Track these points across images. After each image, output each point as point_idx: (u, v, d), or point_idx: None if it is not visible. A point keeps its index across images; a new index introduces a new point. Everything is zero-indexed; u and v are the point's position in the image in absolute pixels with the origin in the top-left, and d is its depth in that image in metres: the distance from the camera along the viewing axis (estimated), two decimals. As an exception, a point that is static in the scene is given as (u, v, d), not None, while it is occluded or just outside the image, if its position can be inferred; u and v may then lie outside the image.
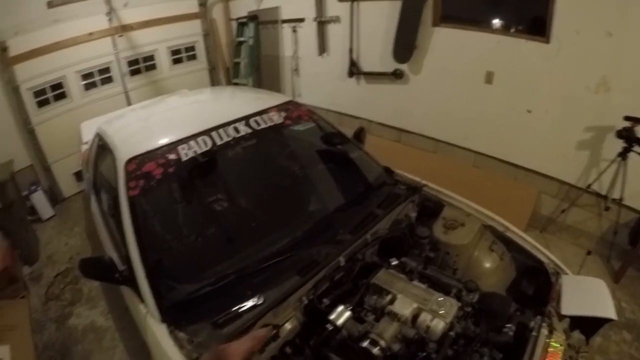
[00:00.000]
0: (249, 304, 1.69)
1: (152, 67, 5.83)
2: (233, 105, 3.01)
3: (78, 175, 5.17)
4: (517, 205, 3.67)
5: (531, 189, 3.75)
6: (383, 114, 4.84)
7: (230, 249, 2.13)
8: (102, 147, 2.71)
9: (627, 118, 2.86)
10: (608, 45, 2.94)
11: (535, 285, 2.00)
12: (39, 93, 4.76)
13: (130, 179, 2.07)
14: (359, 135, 2.83)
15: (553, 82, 3.32)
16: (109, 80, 5.38)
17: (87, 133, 3.83)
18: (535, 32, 3.32)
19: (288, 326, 1.70)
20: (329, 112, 5.27)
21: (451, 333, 1.55)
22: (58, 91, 4.93)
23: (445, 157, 4.33)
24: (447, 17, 3.82)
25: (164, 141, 2.25)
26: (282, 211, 2.36)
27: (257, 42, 5.96)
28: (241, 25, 6.13)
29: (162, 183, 2.12)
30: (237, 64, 6.36)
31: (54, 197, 5.12)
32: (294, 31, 5.35)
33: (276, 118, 2.52)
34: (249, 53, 6.05)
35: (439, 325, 1.52)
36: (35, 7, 4.53)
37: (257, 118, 2.46)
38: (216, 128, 2.32)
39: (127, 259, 1.94)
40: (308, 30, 5.17)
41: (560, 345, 1.57)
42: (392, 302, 1.66)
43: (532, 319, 1.66)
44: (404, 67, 4.28)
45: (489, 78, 3.67)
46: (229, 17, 6.38)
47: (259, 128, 2.41)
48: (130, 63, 5.54)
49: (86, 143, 3.75)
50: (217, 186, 2.40)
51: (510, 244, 2.16)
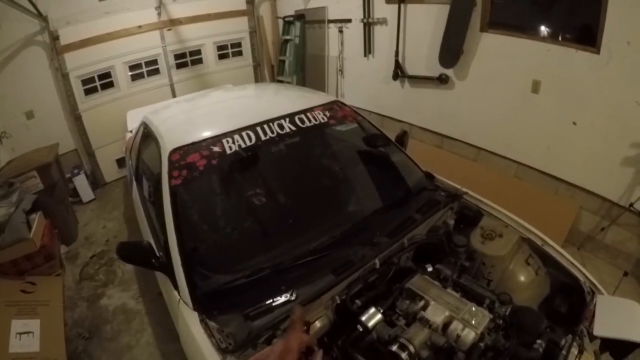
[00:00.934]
0: (281, 299, 1.70)
1: (198, 61, 5.96)
2: (278, 102, 3.03)
3: (120, 162, 5.37)
4: (556, 220, 3.55)
5: (572, 203, 3.62)
6: (426, 118, 4.78)
7: (267, 244, 2.15)
8: (147, 136, 2.79)
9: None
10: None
11: (568, 303, 1.94)
12: (87, 81, 4.96)
13: (173, 168, 2.12)
14: (402, 138, 2.81)
15: (601, 95, 3.19)
16: (155, 72, 5.54)
17: (133, 122, 3.95)
18: (585, 41, 3.19)
19: (318, 324, 1.70)
20: (371, 114, 5.24)
21: (481, 344, 1.51)
22: (105, 80, 5.12)
23: (486, 166, 4.24)
24: (496, 23, 3.73)
25: (208, 134, 2.29)
26: (321, 210, 2.36)
27: (302, 41, 6.00)
28: (288, 23, 6.18)
29: (205, 174, 2.16)
30: (282, 61, 6.41)
31: (96, 181, 5.33)
32: (340, 31, 5.36)
33: (321, 117, 2.52)
34: (294, 51, 6.10)
35: (469, 335, 1.49)
36: (88, -1, 4.72)
37: (302, 116, 2.47)
38: (261, 124, 2.35)
39: (164, 246, 1.99)
40: (354, 31, 5.16)
41: None
42: (424, 308, 1.64)
43: (563, 337, 1.61)
44: (449, 72, 4.22)
45: (535, 87, 3.56)
46: (275, 15, 6.46)
47: (303, 126, 2.42)
48: (177, 56, 5.69)
49: (131, 131, 3.87)
50: (257, 181, 2.42)
51: (546, 259, 2.09)
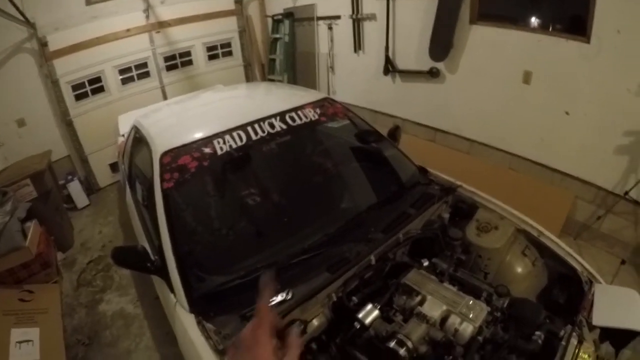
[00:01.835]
0: (277, 298, 1.68)
1: (188, 62, 5.94)
2: (268, 100, 3.03)
3: (113, 167, 5.34)
4: (551, 210, 3.56)
5: (567, 193, 3.63)
6: (418, 112, 4.78)
7: (261, 243, 2.14)
8: (139, 139, 2.78)
9: (668, 122, 2.74)
10: (650, 45, 2.81)
11: (567, 293, 1.94)
12: (77, 87, 4.92)
13: (165, 171, 2.11)
14: (394, 133, 2.80)
15: (592, 84, 3.19)
16: (145, 75, 5.51)
17: (124, 125, 3.93)
18: (575, 31, 3.20)
19: (315, 322, 1.70)
20: (363, 109, 5.23)
21: (479, 338, 1.52)
22: (96, 85, 5.09)
23: (480, 158, 4.24)
24: (485, 15, 3.73)
25: (199, 135, 2.28)
26: (315, 207, 2.35)
27: (292, 39, 5.99)
28: (277, 22, 6.16)
29: (197, 176, 2.16)
30: (273, 60, 6.40)
31: (90, 186, 5.30)
32: (330, 28, 5.34)
33: (311, 115, 2.52)
34: (284, 50, 6.09)
35: (467, 329, 1.50)
36: (75, 3, 4.71)
37: (293, 114, 2.46)
38: (251, 123, 2.34)
39: (159, 249, 1.98)
40: (344, 28, 5.15)
41: (589, 356, 1.53)
42: (421, 303, 1.64)
43: (562, 327, 1.61)
44: (440, 65, 4.22)
45: (526, 78, 3.56)
46: (264, 13, 6.43)
47: (294, 124, 2.42)
48: (167, 59, 5.67)
49: (123, 135, 3.85)
50: (250, 181, 2.42)
51: (543, 250, 2.09)
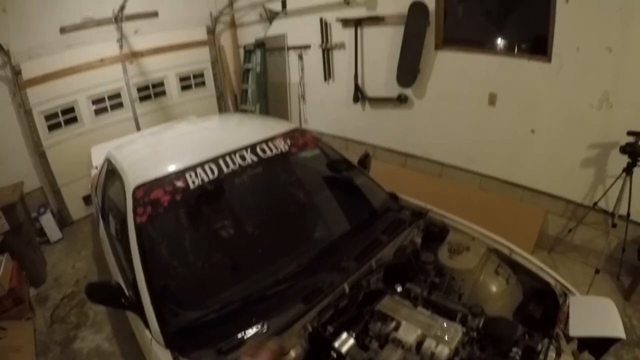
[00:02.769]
0: (253, 330, 1.69)
1: (162, 93, 5.92)
2: (240, 132, 3.05)
3: (87, 199, 5.23)
4: (524, 227, 3.65)
5: (538, 209, 3.73)
6: (388, 138, 4.86)
7: (236, 276, 2.14)
8: (112, 172, 2.76)
9: (630, 133, 2.84)
10: (609, 61, 2.96)
11: (542, 308, 1.98)
12: (50, 117, 4.85)
13: (138, 205, 2.11)
14: (364, 161, 2.86)
15: (555, 101, 3.33)
16: (119, 105, 5.47)
17: (97, 157, 3.90)
18: (536, 51, 3.34)
19: (293, 354, 1.68)
20: (335, 137, 5.31)
21: (456, 359, 1.54)
22: (69, 115, 5.03)
23: (451, 181, 4.32)
24: (450, 40, 3.86)
25: (171, 168, 2.29)
26: (288, 238, 2.37)
27: (264, 68, 6.04)
28: (248, 52, 6.22)
29: (169, 210, 2.16)
30: (245, 90, 6.44)
31: (63, 220, 5.17)
32: (300, 58, 5.42)
33: (282, 146, 2.56)
34: (256, 80, 6.13)
35: (443, 351, 1.52)
36: (49, 32, 4.66)
37: (263, 146, 2.50)
38: (223, 156, 2.37)
39: (133, 284, 1.96)
40: (314, 57, 5.23)
41: None
42: (396, 329, 1.66)
43: (540, 341, 1.65)
44: (408, 91, 4.32)
45: (492, 99, 3.69)
46: (236, 44, 6.50)
47: (265, 156, 2.45)
48: (140, 89, 5.64)
49: (96, 167, 3.81)
50: (223, 213, 2.42)
51: (516, 267, 2.14)
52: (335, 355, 1.61)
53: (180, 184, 2.20)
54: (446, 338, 1.56)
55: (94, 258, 4.49)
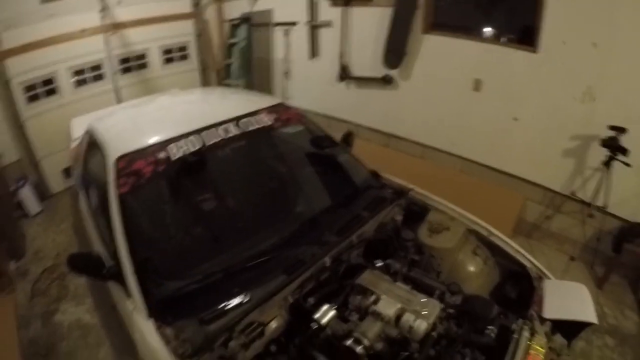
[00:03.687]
0: (235, 301, 1.70)
1: (144, 65, 5.78)
2: (223, 106, 3.02)
3: (67, 172, 5.09)
4: (502, 211, 3.73)
5: (517, 195, 3.81)
6: (372, 118, 4.88)
7: (218, 247, 2.14)
8: (93, 144, 2.72)
9: (612, 127, 2.93)
10: (593, 56, 3.02)
11: (518, 290, 2.05)
12: (29, 88, 4.71)
13: (120, 176, 2.09)
14: (347, 139, 2.87)
15: (540, 91, 3.39)
16: (100, 77, 5.34)
17: (77, 129, 3.81)
18: (524, 41, 3.39)
19: (273, 324, 1.73)
20: (318, 115, 5.28)
21: (433, 333, 1.59)
22: (49, 87, 4.89)
23: (433, 163, 4.38)
24: (438, 25, 3.87)
25: (154, 140, 2.27)
26: (270, 211, 2.38)
27: (249, 44, 5.96)
28: (234, 26, 6.11)
29: (152, 181, 2.14)
30: (229, 65, 6.33)
31: (42, 192, 5.06)
32: (286, 34, 5.36)
33: (266, 120, 2.55)
34: (240, 55, 6.04)
35: (421, 325, 1.56)
36: (29, 1, 4.50)
37: (247, 119, 2.49)
38: (206, 128, 2.35)
39: (115, 255, 1.95)
40: (300, 34, 5.19)
41: (542, 347, 1.61)
42: (375, 302, 1.70)
43: (514, 321, 1.70)
44: (393, 73, 4.33)
45: (477, 86, 3.73)
46: (222, 18, 6.36)
47: (249, 129, 2.44)
48: (122, 61, 5.50)
49: (76, 139, 3.73)
50: (205, 186, 2.42)
51: (494, 249, 2.21)
52: (315, 326, 1.65)
53: (162, 155, 2.18)
54: (424, 313, 1.60)
55: (73, 231, 4.43)
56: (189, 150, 2.22)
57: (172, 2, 5.78)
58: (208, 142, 2.29)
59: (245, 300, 1.70)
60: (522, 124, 3.58)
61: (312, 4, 4.84)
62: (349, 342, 1.54)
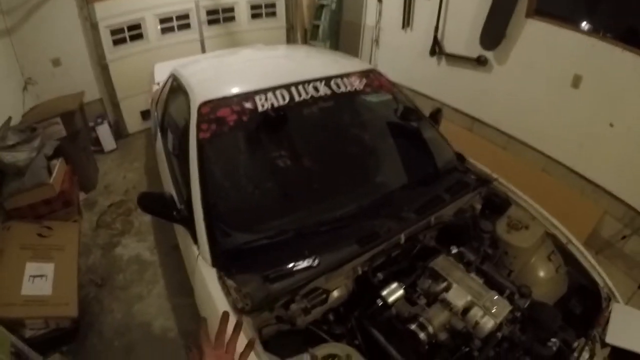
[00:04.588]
0: (303, 264, 1.66)
1: (231, 18, 5.84)
2: (312, 64, 2.96)
3: (144, 114, 5.35)
4: (578, 221, 3.46)
5: (596, 206, 3.54)
6: (459, 99, 4.66)
7: (291, 207, 2.12)
8: (176, 88, 2.76)
9: None
10: None
11: (583, 306, 1.90)
12: (116, 32, 4.89)
13: (202, 121, 2.08)
14: (436, 115, 2.73)
15: (642, 100, 3.07)
16: (186, 26, 5.44)
17: (160, 74, 3.91)
18: (632, 42, 3.06)
19: (336, 293, 1.69)
20: (403, 87, 5.07)
21: (498, 334, 1.50)
22: (135, 32, 5.05)
23: (515, 155, 4.15)
24: (542, 11, 3.58)
25: (240, 89, 2.25)
26: (349, 178, 2.31)
27: (339, 6, 5.88)
28: (325, -13, 6.03)
29: (234, 130, 2.13)
30: (316, 26, 6.24)
31: (119, 131, 5.33)
32: (380, 1, 5.19)
33: (357, 84, 2.45)
34: (329, 17, 5.96)
35: (488, 323, 1.48)
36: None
37: (338, 80, 2.40)
38: (296, 84, 2.29)
39: (187, 199, 1.97)
40: (394, 2, 5.00)
41: None
42: (446, 290, 1.61)
43: (575, 339, 1.60)
44: (489, 54, 4.09)
45: (575, 82, 3.44)
46: (314, -22, 6.28)
47: (339, 91, 2.35)
48: (209, 12, 5.57)
49: (158, 84, 3.83)
50: (287, 142, 2.37)
51: (568, 258, 2.05)
52: (381, 304, 1.60)
53: (249, 105, 2.15)
54: (494, 311, 1.50)
55: (145, 171, 4.63)
56: (275, 104, 2.18)
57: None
58: (296, 98, 2.23)
59: (314, 265, 1.66)
60: (618, 131, 3.26)
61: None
62: (414, 326, 1.48)
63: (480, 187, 2.25)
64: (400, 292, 1.61)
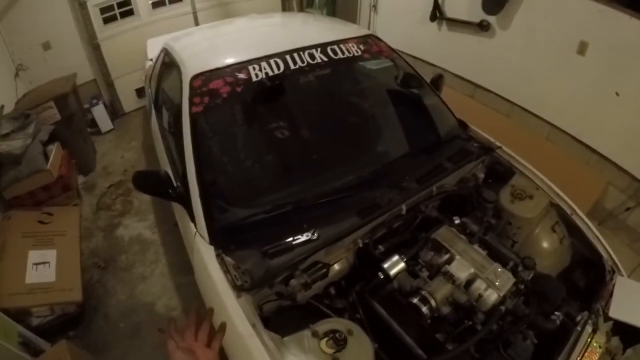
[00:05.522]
0: (302, 237, 1.63)
1: (224, -12, 5.69)
2: (308, 31, 2.88)
3: (139, 92, 5.28)
4: (581, 191, 3.39)
5: (600, 177, 3.48)
6: (460, 65, 4.55)
7: (289, 179, 2.09)
8: (168, 63, 2.69)
9: None
10: None
11: (586, 279, 1.88)
12: (105, 9, 4.76)
13: (194, 95, 2.02)
14: (437, 82, 2.65)
15: (650, 69, 2.97)
16: (178, -1, 5.32)
17: (153, 50, 3.84)
18: (640, 8, 2.95)
19: (337, 267, 1.67)
20: (403, 54, 4.96)
21: (502, 307, 1.47)
22: (125, 8, 4.93)
23: (518, 123, 4.07)
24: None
25: (233, 60, 2.18)
26: (348, 148, 2.26)
27: (336, -28, 5.73)
28: (320, -48, 5.86)
29: (228, 102, 2.06)
30: (312, -7, 6.12)
31: (114, 111, 5.28)
32: (378, -36, 5.03)
33: (354, 50, 2.36)
34: (326, -17, 5.82)
35: (492, 296, 1.45)
36: None
37: (335, 47, 2.31)
38: (290, 52, 2.21)
39: (182, 176, 1.94)
40: (393, -34, 4.84)
41: (600, 347, 1.48)
42: (449, 262, 1.58)
43: (579, 312, 1.57)
44: (492, 19, 3.96)
45: (582, 49, 3.32)
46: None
47: (336, 58, 2.27)
48: (201, -17, 5.44)
49: (151, 60, 3.77)
50: (282, 113, 2.32)
51: (572, 229, 2.01)
52: (382, 276, 1.57)
53: (242, 75, 2.08)
54: (497, 283, 1.47)
55: (143, 149, 4.61)
56: (270, 73, 2.11)
57: None
58: (292, 67, 2.16)
59: (313, 238, 1.63)
60: (624, 100, 3.17)
61: None
62: (416, 299, 1.44)
63: (483, 156, 2.20)
64: (401, 265, 1.58)
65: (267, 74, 2.10)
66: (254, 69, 2.10)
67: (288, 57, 2.18)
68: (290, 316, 1.58)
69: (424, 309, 1.42)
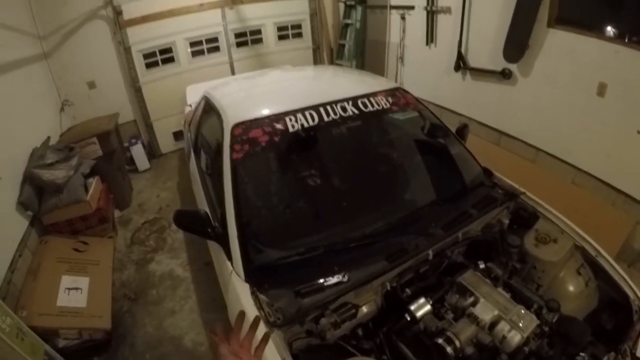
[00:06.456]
0: (333, 279, 1.71)
1: (258, 40, 6.02)
2: (340, 84, 3.03)
3: (176, 135, 5.56)
4: (609, 232, 3.37)
5: (628, 217, 3.44)
6: (485, 113, 4.63)
7: (321, 224, 2.18)
8: (209, 110, 2.87)
9: None
10: None
11: (614, 321, 1.87)
12: (148, 55, 5.13)
13: (235, 142, 2.18)
14: (462, 131, 2.75)
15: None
16: (215, 49, 5.65)
17: (192, 96, 4.07)
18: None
19: (365, 309, 1.73)
20: (429, 104, 5.04)
21: (525, 349, 1.51)
22: (166, 55, 5.29)
23: (544, 169, 4.08)
24: (563, 19, 3.55)
25: (271, 111, 2.33)
26: (377, 195, 2.35)
27: (363, 25, 5.96)
28: (349, 7, 6.12)
29: (266, 150, 2.21)
30: (342, 46, 6.36)
31: (152, 152, 5.55)
32: (403, 18, 5.24)
33: (383, 103, 2.50)
34: (354, 36, 6.05)
35: (515, 337, 1.49)
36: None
37: (365, 100, 2.46)
38: (324, 105, 2.36)
39: (221, 217, 2.06)
40: (417, 19, 5.05)
41: None
42: (474, 304, 1.64)
43: (605, 354, 1.57)
44: (513, 67, 4.06)
45: (601, 90, 3.38)
46: (337, -1, 6.38)
47: (366, 110, 2.41)
48: (237, 35, 5.76)
49: (190, 105, 3.98)
50: (317, 162, 2.45)
51: (598, 271, 2.02)
52: (409, 318, 1.63)
53: (279, 126, 2.24)
54: (521, 325, 1.52)
55: (178, 190, 4.76)
56: (305, 125, 2.26)
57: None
58: (325, 119, 2.30)
59: (344, 280, 1.71)
60: (647, 139, 3.21)
61: (432, -12, 4.67)
62: (441, 340, 1.50)
63: (507, 202, 2.25)
64: (427, 307, 1.64)
65: (302, 125, 2.25)
66: (290, 120, 2.26)
67: (322, 109, 2.33)
68: (319, 354, 1.63)
69: (449, 349, 1.47)
